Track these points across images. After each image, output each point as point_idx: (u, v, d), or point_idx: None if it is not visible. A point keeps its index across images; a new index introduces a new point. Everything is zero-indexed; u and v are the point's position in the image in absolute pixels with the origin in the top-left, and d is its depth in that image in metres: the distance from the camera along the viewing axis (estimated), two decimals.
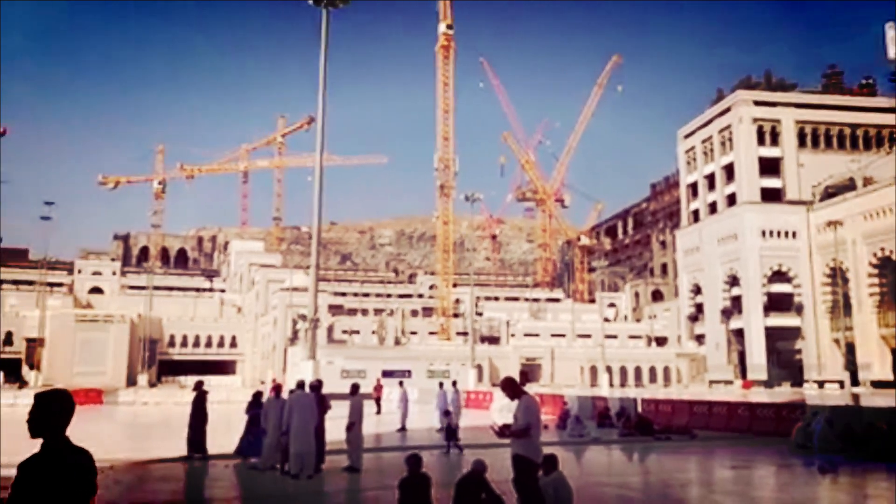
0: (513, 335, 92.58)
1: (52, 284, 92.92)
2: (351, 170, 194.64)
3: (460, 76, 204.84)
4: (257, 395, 16.74)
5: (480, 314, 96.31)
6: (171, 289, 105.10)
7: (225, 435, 16.95)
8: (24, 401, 42.97)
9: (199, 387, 17.22)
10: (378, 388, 35.37)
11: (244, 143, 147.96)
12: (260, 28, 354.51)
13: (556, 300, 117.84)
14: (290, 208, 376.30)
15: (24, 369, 75.74)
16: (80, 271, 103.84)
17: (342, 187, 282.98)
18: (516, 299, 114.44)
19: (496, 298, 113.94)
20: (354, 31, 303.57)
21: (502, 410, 21.34)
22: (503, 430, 7.98)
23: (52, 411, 3.56)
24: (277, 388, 15.21)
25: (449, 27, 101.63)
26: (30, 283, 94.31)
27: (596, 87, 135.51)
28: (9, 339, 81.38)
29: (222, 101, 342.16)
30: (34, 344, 75.87)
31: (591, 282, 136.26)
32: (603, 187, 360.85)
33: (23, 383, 68.16)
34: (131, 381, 74.23)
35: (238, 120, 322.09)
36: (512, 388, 8.04)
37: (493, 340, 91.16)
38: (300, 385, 14.26)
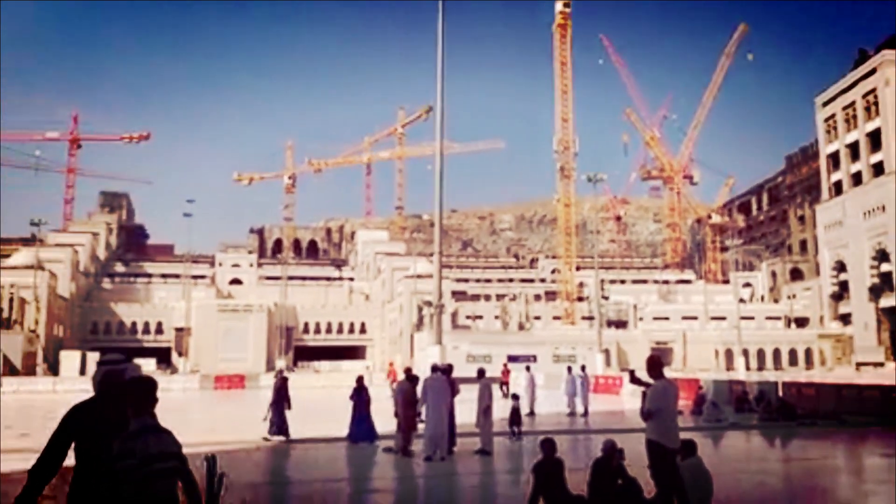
0: (641, 319, 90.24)
1: (196, 277, 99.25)
2: (469, 156, 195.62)
3: (578, 55, 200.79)
4: (360, 381, 17.27)
5: (606, 298, 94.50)
6: (303, 278, 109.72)
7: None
8: (175, 385, 46.40)
9: (279, 374, 18.75)
10: (505, 372, 35.49)
11: (367, 135, 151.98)
12: (378, 22, 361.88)
13: (687, 282, 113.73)
14: (412, 197, 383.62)
15: (174, 356, 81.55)
16: (220, 264, 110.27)
17: (461, 174, 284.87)
18: (644, 282, 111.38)
19: (622, 281, 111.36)
20: (470, 16, 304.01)
21: (634, 392, 20.89)
22: (637, 380, 7.89)
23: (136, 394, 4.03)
24: (408, 372, 15.56)
25: (566, 5, 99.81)
26: (176, 276, 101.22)
27: (723, 58, 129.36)
28: (159, 328, 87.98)
29: (345, 96, 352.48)
30: (182, 333, 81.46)
31: (724, 261, 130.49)
32: (734, 162, 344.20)
33: (173, 370, 73.46)
34: (270, 367, 78.24)
35: (360, 114, 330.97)
36: (655, 368, 7.87)
37: (621, 324, 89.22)
38: (434, 369, 14.51)
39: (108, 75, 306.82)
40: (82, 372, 59.62)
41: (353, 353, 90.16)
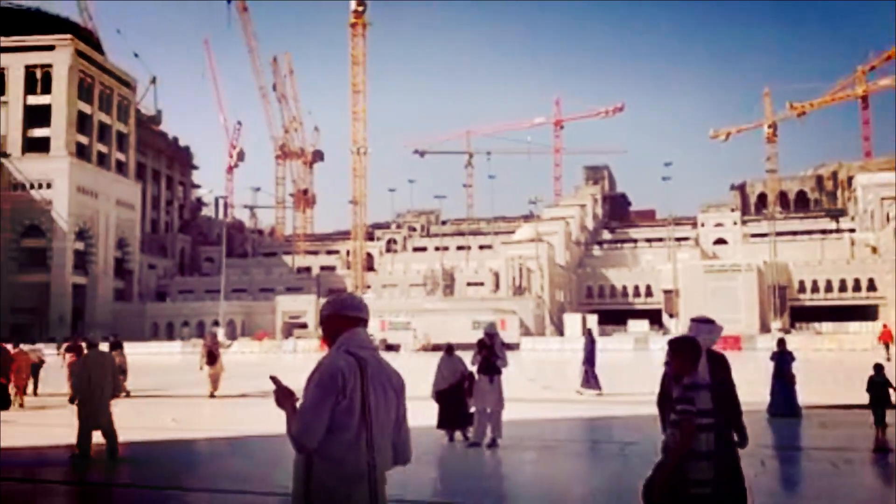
0: None
1: (679, 239, 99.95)
2: None
3: None
4: (781, 344, 15.00)
5: None
6: (793, 233, 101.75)
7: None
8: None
9: (589, 334, 21.11)
10: None
11: (859, 64, 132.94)
12: None
13: None
14: None
15: (665, 317, 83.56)
16: (702, 224, 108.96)
17: None
18: None
19: None
20: None
21: None
22: None
23: (684, 354, 4.58)
24: None
25: None
26: (659, 239, 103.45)
27: None
28: (648, 291, 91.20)
29: (827, 24, 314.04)
30: (670, 294, 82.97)
31: None
32: None
33: (665, 330, 75.31)
34: (765, 328, 74.60)
35: (850, 40, 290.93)
36: None
37: None
38: None
39: (584, 58, 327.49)
40: (584, 332, 65.17)
41: (861, 313, 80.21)
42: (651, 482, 4.42)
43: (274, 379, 3.24)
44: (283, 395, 3.15)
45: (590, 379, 19.16)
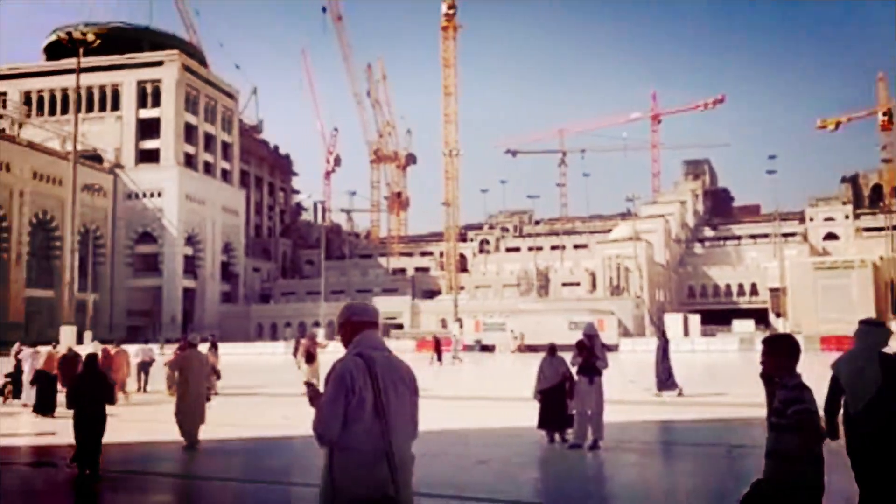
0: None
1: (786, 235, 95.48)
2: None
3: None
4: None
5: None
6: None
7: None
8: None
9: (663, 334, 21.51)
10: None
11: None
12: None
13: None
14: None
15: (771, 317, 79.98)
16: (811, 219, 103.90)
17: None
18: None
19: None
20: None
21: None
22: None
23: (780, 353, 4.38)
24: None
25: None
26: (765, 235, 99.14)
27: None
28: (753, 289, 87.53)
29: None
30: (777, 293, 79.29)
31: None
32: None
33: (771, 330, 72.07)
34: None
35: None
36: None
37: None
38: None
39: (681, 49, 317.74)
40: (685, 333, 63.04)
41: None
42: (754, 494, 4.23)
43: (307, 383, 3.81)
44: (314, 397, 3.63)
45: (666, 380, 18.87)
